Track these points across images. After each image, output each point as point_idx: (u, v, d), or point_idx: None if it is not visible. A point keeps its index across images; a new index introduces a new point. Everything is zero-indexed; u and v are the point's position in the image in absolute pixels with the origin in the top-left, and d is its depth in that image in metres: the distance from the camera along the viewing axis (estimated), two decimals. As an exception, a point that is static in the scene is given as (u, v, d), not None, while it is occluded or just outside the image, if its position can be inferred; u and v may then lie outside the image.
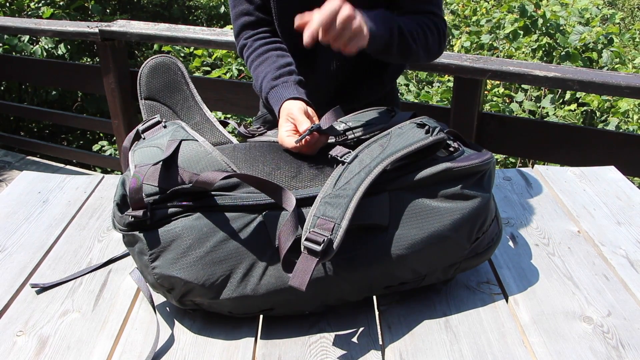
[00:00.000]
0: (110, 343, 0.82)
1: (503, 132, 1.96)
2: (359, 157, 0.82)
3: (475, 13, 4.72)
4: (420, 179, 0.82)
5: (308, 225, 0.76)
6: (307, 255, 0.74)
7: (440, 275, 0.87)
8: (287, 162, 0.86)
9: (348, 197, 0.77)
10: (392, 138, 0.84)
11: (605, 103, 3.21)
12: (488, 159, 0.86)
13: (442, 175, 0.82)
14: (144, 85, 1.00)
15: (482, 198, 0.84)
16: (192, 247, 0.78)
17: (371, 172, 0.79)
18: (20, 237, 1.09)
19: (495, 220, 0.89)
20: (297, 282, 0.73)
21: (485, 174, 0.86)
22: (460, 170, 0.83)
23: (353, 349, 0.81)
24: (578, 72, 1.73)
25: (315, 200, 0.78)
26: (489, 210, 0.86)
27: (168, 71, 1.02)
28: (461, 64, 1.83)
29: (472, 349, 0.80)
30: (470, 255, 0.87)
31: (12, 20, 2.88)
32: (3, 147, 3.60)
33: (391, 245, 0.81)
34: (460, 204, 0.83)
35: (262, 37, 1.15)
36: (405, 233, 0.81)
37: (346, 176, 0.79)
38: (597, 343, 0.81)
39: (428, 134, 0.84)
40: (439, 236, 0.82)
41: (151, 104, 1.00)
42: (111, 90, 2.53)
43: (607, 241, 1.05)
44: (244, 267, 0.79)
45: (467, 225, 0.83)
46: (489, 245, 0.89)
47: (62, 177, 1.32)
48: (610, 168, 1.33)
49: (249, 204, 0.80)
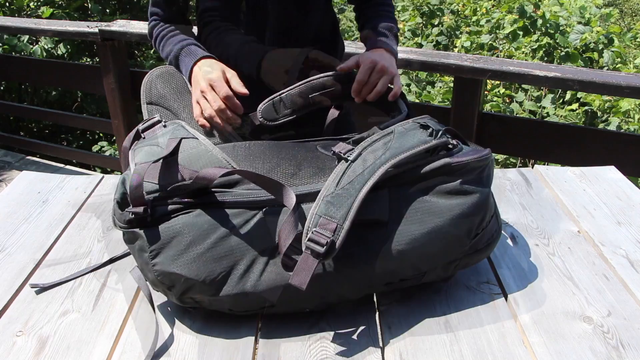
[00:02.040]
0: (110, 343, 0.82)
1: (503, 132, 1.96)
2: (362, 156, 0.82)
3: (475, 13, 4.72)
4: (419, 174, 0.82)
5: (310, 223, 0.76)
6: (309, 255, 0.74)
7: (441, 272, 0.87)
8: (287, 160, 0.86)
9: (351, 197, 0.77)
10: (395, 137, 0.84)
11: (606, 103, 3.21)
12: (486, 155, 0.86)
13: (441, 171, 0.83)
14: (147, 91, 1.04)
15: (481, 193, 0.85)
16: (193, 244, 0.79)
17: (374, 173, 0.79)
18: (20, 237, 1.09)
19: (494, 217, 0.90)
20: (297, 281, 0.73)
21: (484, 169, 0.86)
22: (459, 165, 0.83)
23: (353, 348, 0.81)
24: (578, 72, 1.74)
25: (317, 198, 0.78)
26: (488, 206, 0.87)
27: (172, 79, 1.07)
28: (461, 64, 1.83)
29: (472, 349, 0.80)
30: (471, 251, 0.87)
31: (12, 20, 2.88)
32: (3, 147, 3.60)
33: (391, 241, 0.81)
34: (460, 200, 0.83)
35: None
36: (406, 229, 0.81)
37: (349, 175, 0.79)
38: (597, 343, 0.81)
39: (431, 137, 0.84)
40: (439, 232, 0.82)
41: (153, 108, 1.03)
42: (111, 90, 2.53)
43: (607, 241, 1.05)
44: (244, 263, 0.79)
45: (467, 220, 0.83)
46: (489, 241, 0.89)
47: (61, 177, 1.32)
48: (610, 168, 1.33)
49: (250, 200, 0.80)
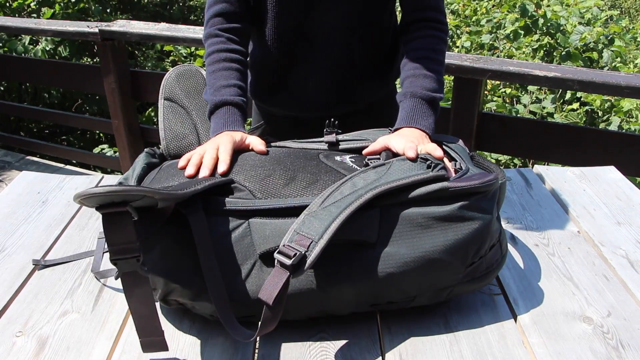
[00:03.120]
0: (109, 343, 0.82)
1: (503, 132, 1.96)
2: (353, 180, 0.80)
3: (476, 13, 4.72)
4: (414, 196, 0.79)
5: (286, 239, 0.74)
6: (279, 269, 0.72)
7: (432, 296, 0.84)
8: (281, 170, 0.85)
9: (332, 217, 0.75)
10: (392, 167, 0.82)
11: (607, 103, 3.21)
12: (490, 180, 0.81)
13: (437, 194, 0.79)
14: (167, 86, 1.04)
15: (482, 220, 0.80)
16: (174, 249, 0.79)
17: (361, 197, 0.76)
18: (20, 237, 1.09)
19: (497, 245, 0.85)
20: (265, 295, 0.71)
21: (486, 195, 0.81)
22: (457, 190, 0.79)
23: (353, 349, 0.81)
24: (578, 72, 1.73)
25: (300, 216, 0.77)
26: (488, 234, 0.81)
27: (192, 78, 1.06)
28: (461, 64, 1.83)
29: (472, 349, 0.80)
30: (466, 279, 0.83)
31: (12, 20, 2.88)
32: (3, 147, 3.60)
33: (378, 263, 0.78)
34: (455, 226, 0.79)
35: (231, 38, 1.10)
36: (395, 251, 0.78)
37: (335, 196, 0.78)
38: (597, 343, 0.81)
39: (429, 169, 0.81)
40: (430, 257, 0.78)
41: (170, 104, 1.03)
42: (111, 90, 2.52)
43: (607, 241, 1.05)
44: (225, 271, 0.78)
45: (462, 248, 0.79)
46: (488, 270, 0.84)
47: (61, 177, 1.32)
48: (610, 168, 1.33)
49: (237, 209, 0.79)
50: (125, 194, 0.66)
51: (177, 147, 0.99)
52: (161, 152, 0.99)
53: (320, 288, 0.79)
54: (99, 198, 0.66)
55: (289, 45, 1.15)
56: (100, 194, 0.65)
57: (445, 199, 0.79)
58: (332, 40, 1.13)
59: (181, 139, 0.99)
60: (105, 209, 0.67)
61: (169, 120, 1.01)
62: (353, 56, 1.15)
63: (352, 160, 0.90)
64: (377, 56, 1.19)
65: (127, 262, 0.69)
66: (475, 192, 0.80)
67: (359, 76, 1.19)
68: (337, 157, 0.90)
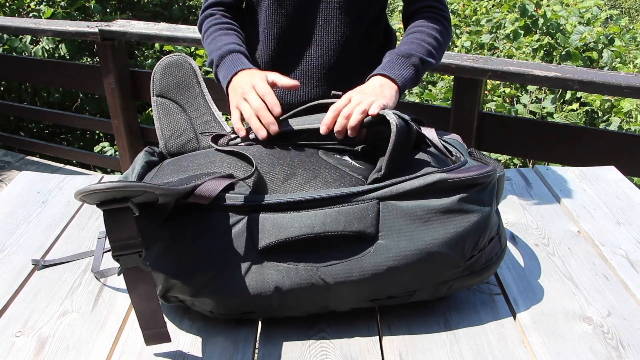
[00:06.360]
0: (109, 343, 0.82)
1: (503, 132, 1.96)
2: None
3: (476, 13, 4.72)
4: (412, 189, 0.78)
5: None
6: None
7: (432, 291, 0.84)
8: (282, 165, 0.85)
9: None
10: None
11: (607, 103, 3.21)
12: (488, 172, 0.80)
13: (435, 186, 0.78)
14: (156, 82, 1.01)
15: (481, 213, 0.80)
16: (174, 245, 0.79)
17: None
18: (20, 237, 1.09)
19: (496, 238, 0.85)
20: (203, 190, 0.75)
21: (485, 187, 0.81)
22: (455, 182, 0.78)
23: (353, 349, 0.81)
24: (578, 72, 1.73)
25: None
26: (487, 227, 0.81)
27: (181, 69, 1.03)
28: (461, 63, 1.83)
29: (472, 349, 0.80)
30: (466, 273, 0.83)
31: (12, 20, 2.88)
32: (3, 147, 3.60)
33: (378, 256, 0.78)
34: (455, 218, 0.79)
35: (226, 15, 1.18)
36: (394, 245, 0.78)
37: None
38: (597, 343, 0.81)
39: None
40: (430, 251, 0.78)
41: (162, 101, 1.01)
42: (111, 90, 2.52)
43: (607, 241, 1.05)
44: (225, 266, 0.79)
45: (461, 240, 0.79)
46: (487, 264, 0.84)
47: (61, 177, 1.32)
48: (610, 168, 1.33)
49: (237, 204, 0.79)
50: (126, 189, 0.66)
51: (176, 145, 0.98)
52: (160, 150, 0.99)
53: (320, 283, 0.79)
54: (100, 194, 0.66)
55: (284, 37, 1.15)
56: (102, 190, 0.65)
57: (444, 191, 0.79)
58: (330, 30, 1.14)
59: (179, 136, 0.98)
60: (107, 206, 0.68)
61: (164, 118, 0.99)
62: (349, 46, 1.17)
63: (351, 158, 0.90)
64: (372, 48, 1.21)
65: (129, 257, 0.70)
66: (474, 184, 0.80)
67: (354, 67, 1.19)
68: (336, 154, 0.91)
